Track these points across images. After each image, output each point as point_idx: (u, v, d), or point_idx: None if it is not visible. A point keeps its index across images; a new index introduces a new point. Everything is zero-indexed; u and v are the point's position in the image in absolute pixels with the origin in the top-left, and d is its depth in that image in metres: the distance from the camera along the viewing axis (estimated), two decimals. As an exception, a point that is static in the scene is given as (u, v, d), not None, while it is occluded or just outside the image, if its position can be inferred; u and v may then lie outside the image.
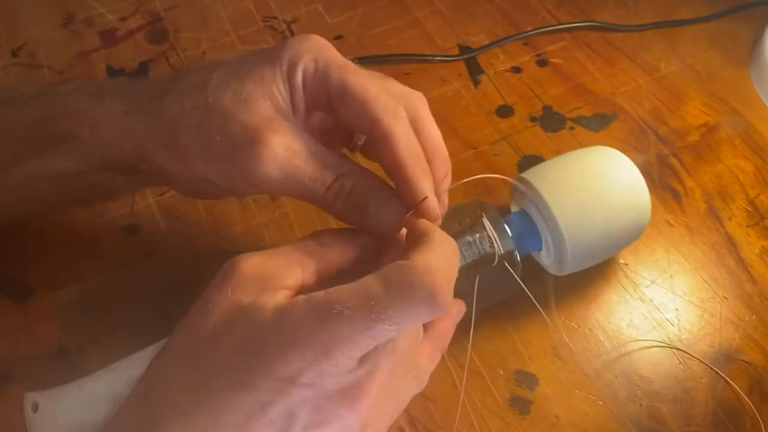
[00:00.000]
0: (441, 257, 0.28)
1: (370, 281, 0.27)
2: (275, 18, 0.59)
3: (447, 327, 0.35)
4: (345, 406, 0.27)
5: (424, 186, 0.32)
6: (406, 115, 0.32)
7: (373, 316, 0.26)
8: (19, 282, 0.44)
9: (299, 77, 0.32)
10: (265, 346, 0.26)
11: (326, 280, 0.31)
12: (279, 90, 0.32)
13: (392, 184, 0.33)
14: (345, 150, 0.37)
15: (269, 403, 0.26)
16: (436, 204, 0.32)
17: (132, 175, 0.37)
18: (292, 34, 0.58)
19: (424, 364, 0.33)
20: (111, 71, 0.56)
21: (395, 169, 0.32)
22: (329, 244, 0.31)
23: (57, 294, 0.43)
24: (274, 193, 0.33)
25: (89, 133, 0.35)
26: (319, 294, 0.27)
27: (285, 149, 0.31)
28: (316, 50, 0.32)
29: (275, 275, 0.29)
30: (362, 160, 0.36)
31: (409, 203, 0.32)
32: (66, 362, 0.40)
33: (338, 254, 0.31)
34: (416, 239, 0.30)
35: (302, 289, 0.29)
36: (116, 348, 0.35)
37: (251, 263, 0.29)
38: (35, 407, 0.32)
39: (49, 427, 0.31)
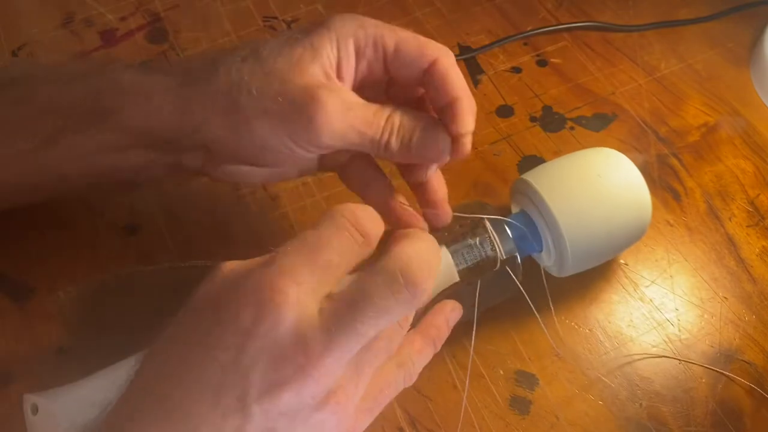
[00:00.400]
0: (413, 247, 0.30)
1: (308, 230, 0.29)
2: (275, 18, 0.59)
3: (438, 322, 0.35)
4: (298, 365, 0.27)
5: (471, 120, 0.35)
6: None
7: (313, 249, 0.28)
8: (19, 282, 0.44)
9: (351, 46, 0.35)
10: (223, 305, 0.28)
11: None
12: (328, 56, 0.34)
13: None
14: None
15: (229, 362, 0.26)
16: (470, 142, 0.35)
17: (171, 155, 0.37)
18: (292, 34, 0.58)
19: (413, 357, 0.33)
20: (111, 71, 0.56)
21: (450, 101, 0.35)
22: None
23: (57, 294, 0.43)
24: (331, 149, 0.35)
25: (140, 105, 0.36)
26: (269, 257, 0.29)
27: (342, 103, 0.33)
28: (363, 23, 0.35)
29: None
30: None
31: (455, 134, 0.35)
32: (66, 362, 0.40)
33: None
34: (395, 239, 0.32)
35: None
36: (116, 348, 0.35)
37: (233, 267, 0.29)
38: (35, 409, 0.32)
39: (48, 428, 0.31)
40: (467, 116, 0.35)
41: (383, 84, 0.38)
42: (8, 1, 0.60)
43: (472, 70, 0.55)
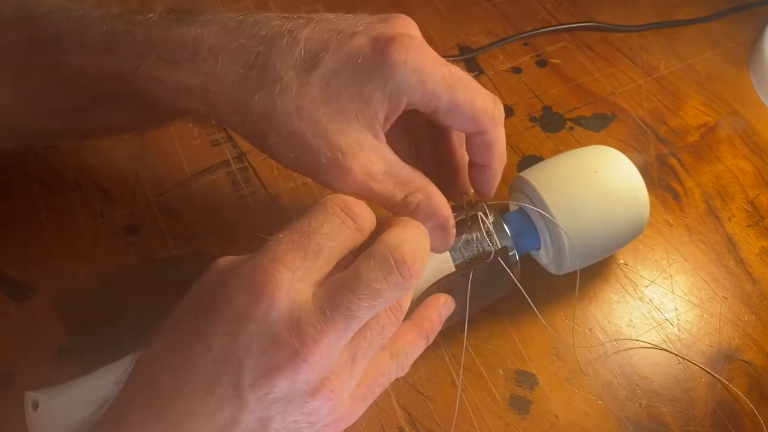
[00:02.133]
0: (403, 233, 0.30)
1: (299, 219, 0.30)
2: (275, 18, 0.59)
3: (431, 315, 0.36)
4: (292, 350, 0.27)
5: (491, 188, 0.37)
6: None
7: (304, 234, 0.28)
8: (19, 282, 0.44)
9: (404, 101, 0.32)
10: (215, 293, 0.28)
11: None
12: (377, 112, 0.32)
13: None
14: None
15: (221, 350, 0.27)
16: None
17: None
18: (292, 34, 0.58)
19: (406, 348, 0.34)
20: (111, 71, 0.55)
21: (485, 167, 0.36)
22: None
23: (57, 293, 0.43)
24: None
25: (163, 100, 0.34)
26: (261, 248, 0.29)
27: (365, 174, 0.32)
28: (422, 69, 0.32)
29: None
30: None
31: (481, 192, 0.37)
32: (66, 362, 0.40)
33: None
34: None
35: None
36: (117, 347, 0.35)
37: (229, 262, 0.30)
38: (35, 405, 0.32)
39: (49, 425, 0.32)
40: (495, 183, 0.37)
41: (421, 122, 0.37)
42: (8, 1, 0.60)
43: (472, 70, 0.55)
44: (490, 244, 0.38)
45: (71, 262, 0.44)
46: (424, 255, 0.30)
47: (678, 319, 0.42)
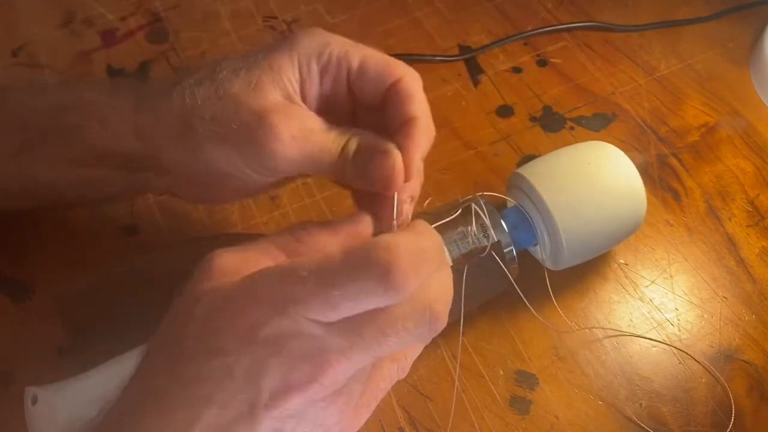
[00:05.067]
0: (410, 241, 0.28)
1: (333, 251, 0.27)
2: (275, 18, 0.59)
3: None
4: (308, 374, 0.26)
5: (425, 141, 0.34)
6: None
7: (327, 281, 0.26)
8: (19, 281, 0.44)
9: (314, 64, 0.34)
10: (228, 306, 0.27)
11: None
12: (289, 78, 0.33)
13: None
14: None
15: (234, 365, 0.26)
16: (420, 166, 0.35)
17: (137, 174, 0.37)
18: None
19: (406, 352, 0.33)
20: (111, 71, 0.56)
21: (407, 120, 0.34)
22: (304, 240, 0.31)
23: (57, 292, 0.43)
24: (287, 174, 0.34)
25: (99, 127, 0.36)
26: (285, 262, 0.28)
27: (298, 129, 0.32)
28: (328, 40, 0.34)
29: (251, 269, 0.29)
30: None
31: (409, 158, 0.33)
32: (66, 361, 0.40)
33: (311, 251, 0.31)
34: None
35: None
36: (117, 345, 0.35)
37: (228, 256, 0.29)
38: (34, 400, 0.32)
39: (47, 420, 0.32)
40: (422, 136, 0.34)
41: (349, 104, 0.37)
42: (8, 1, 0.60)
43: (472, 70, 0.55)
44: (485, 238, 0.38)
45: (71, 262, 0.44)
46: (421, 268, 0.29)
47: (678, 319, 0.42)
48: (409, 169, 0.33)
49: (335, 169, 0.33)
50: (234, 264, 0.29)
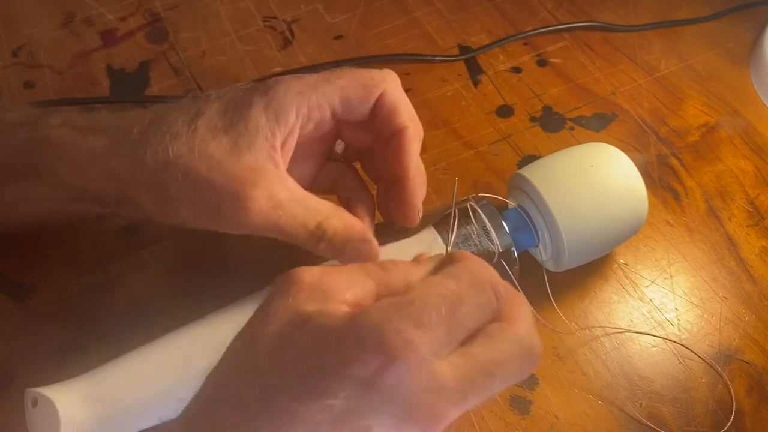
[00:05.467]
0: (534, 329, 0.28)
1: (440, 278, 0.27)
2: (275, 18, 0.59)
3: None
4: (425, 426, 0.24)
5: (419, 145, 0.35)
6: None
7: (452, 306, 0.25)
8: (19, 281, 0.44)
9: (292, 117, 0.33)
10: (342, 345, 0.24)
11: None
12: (267, 137, 0.33)
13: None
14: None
15: (345, 412, 0.24)
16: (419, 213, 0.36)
17: (114, 208, 0.37)
18: (292, 34, 0.58)
19: None
20: (111, 71, 0.56)
21: (397, 130, 0.35)
22: (390, 269, 0.29)
23: (57, 292, 0.43)
24: (259, 234, 0.34)
25: (70, 170, 0.35)
26: (396, 297, 0.26)
27: (268, 200, 0.32)
28: (302, 88, 0.34)
29: (336, 289, 0.27)
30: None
31: (406, 168, 0.35)
32: (66, 361, 0.40)
33: (398, 279, 0.29)
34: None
35: (359, 308, 0.28)
36: (117, 346, 0.35)
37: (312, 273, 0.27)
38: (35, 402, 0.32)
39: (48, 422, 0.32)
40: (413, 145, 0.35)
41: (334, 127, 0.37)
42: (8, 1, 0.60)
43: (472, 70, 0.55)
44: (489, 242, 0.38)
45: (71, 262, 0.44)
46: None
47: (678, 320, 0.42)
48: (408, 173, 0.35)
49: (306, 244, 0.33)
50: (320, 282, 0.27)
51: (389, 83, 0.35)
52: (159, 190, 0.33)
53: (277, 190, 0.32)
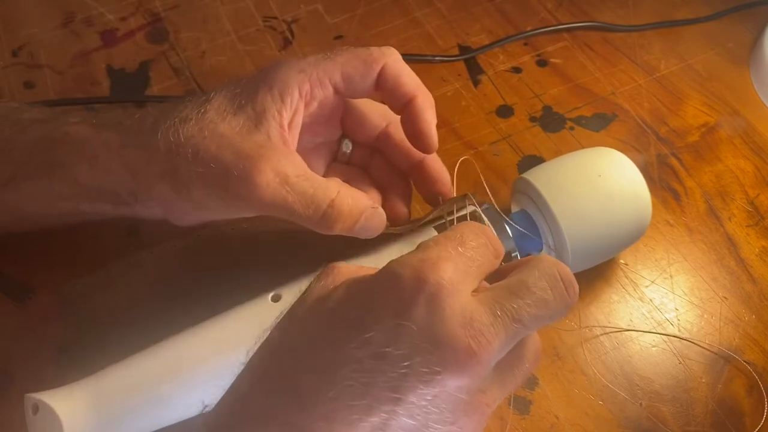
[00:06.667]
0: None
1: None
2: (275, 18, 0.59)
3: None
4: (466, 349, 0.25)
5: (431, 114, 0.36)
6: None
7: (458, 243, 0.28)
8: (19, 282, 0.44)
9: (296, 95, 0.34)
10: (376, 285, 0.26)
11: None
12: (274, 117, 0.34)
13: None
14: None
15: (383, 345, 0.24)
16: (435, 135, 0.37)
17: (128, 207, 0.37)
18: (292, 34, 0.58)
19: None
20: (111, 71, 0.56)
21: (407, 102, 0.36)
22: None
23: (57, 292, 0.43)
24: (265, 214, 0.35)
25: (87, 164, 0.36)
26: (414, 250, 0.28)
27: (275, 175, 0.32)
28: (303, 67, 0.35)
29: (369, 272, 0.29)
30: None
31: (426, 134, 0.36)
32: (66, 362, 0.40)
33: None
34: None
35: None
36: (117, 347, 0.35)
37: (350, 267, 0.29)
38: (35, 409, 0.32)
39: (49, 428, 0.32)
40: (427, 113, 0.36)
41: (339, 104, 0.38)
42: (8, 1, 0.60)
43: (472, 70, 0.55)
44: None
45: (71, 262, 0.44)
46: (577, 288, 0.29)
47: (678, 320, 0.42)
48: (429, 140, 0.36)
49: (317, 225, 0.34)
50: (354, 270, 0.29)
51: (389, 56, 0.36)
52: (171, 173, 0.34)
53: (284, 166, 0.33)
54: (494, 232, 0.37)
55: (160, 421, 0.34)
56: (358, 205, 0.34)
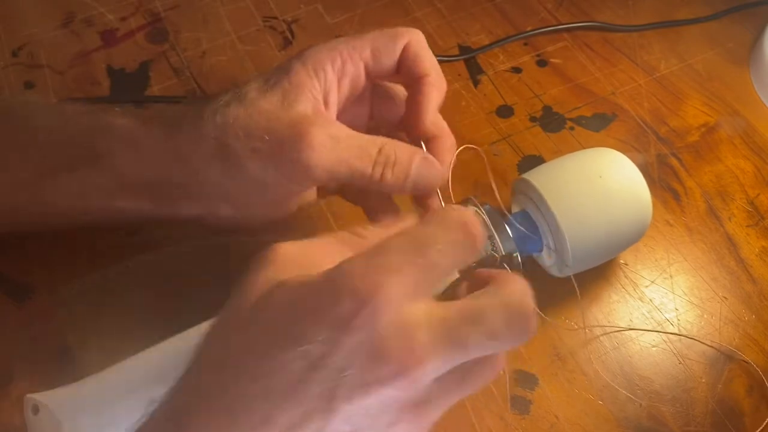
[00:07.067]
0: (525, 293, 0.29)
1: (412, 225, 0.29)
2: (275, 18, 0.59)
3: None
4: (398, 364, 0.25)
5: (439, 96, 0.37)
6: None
7: (420, 247, 0.27)
8: (19, 282, 0.44)
9: (330, 71, 0.36)
10: (316, 296, 0.26)
11: None
12: (311, 91, 0.35)
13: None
14: None
15: (321, 357, 0.25)
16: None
17: (164, 203, 0.37)
18: (292, 34, 0.58)
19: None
20: (111, 71, 0.56)
21: (419, 77, 0.37)
22: (365, 235, 0.31)
23: (57, 292, 0.43)
24: (322, 182, 0.36)
25: (133, 152, 0.36)
26: (367, 250, 0.27)
27: (329, 137, 0.34)
28: (333, 45, 0.36)
29: (314, 261, 0.28)
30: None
31: (424, 110, 0.36)
32: (66, 362, 0.40)
33: (375, 242, 0.29)
34: None
35: None
36: (117, 347, 0.35)
37: (290, 248, 0.28)
38: (35, 409, 0.32)
39: (49, 429, 0.32)
40: (433, 91, 0.36)
41: (368, 86, 0.38)
42: (8, 1, 0.60)
43: (472, 70, 0.55)
44: (493, 248, 0.38)
45: (71, 262, 0.44)
46: (535, 321, 0.28)
47: (678, 320, 0.42)
48: (423, 116, 0.36)
49: (371, 178, 0.35)
50: (298, 255, 0.28)
51: (414, 34, 0.37)
52: (223, 153, 0.35)
53: (335, 129, 0.34)
54: (492, 228, 0.38)
55: None
56: (407, 150, 0.35)
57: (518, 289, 0.28)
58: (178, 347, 0.35)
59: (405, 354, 0.25)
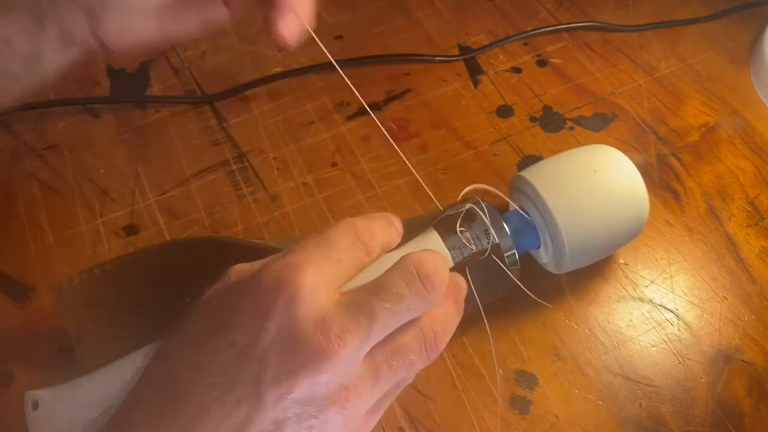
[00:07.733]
0: (423, 252, 0.30)
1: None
2: (275, 18, 0.59)
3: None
4: (316, 348, 0.26)
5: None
6: None
7: (328, 243, 0.29)
8: (19, 281, 0.44)
9: None
10: (245, 290, 0.28)
11: None
12: None
13: None
14: None
15: (247, 345, 0.26)
16: None
17: (53, 21, 0.37)
18: (292, 34, 0.58)
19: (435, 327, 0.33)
20: (111, 71, 0.56)
21: None
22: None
23: (57, 292, 0.43)
24: None
25: None
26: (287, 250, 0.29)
27: None
28: None
29: None
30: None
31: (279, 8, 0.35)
32: (66, 361, 0.40)
33: None
34: None
35: None
36: (117, 346, 0.35)
37: (244, 268, 0.30)
38: (35, 405, 0.32)
39: (49, 424, 0.32)
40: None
41: None
42: (8, 1, 0.60)
43: (472, 70, 0.55)
44: (488, 242, 0.38)
45: (71, 262, 0.44)
46: (445, 273, 0.30)
47: (678, 320, 0.42)
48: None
49: None
50: (248, 273, 0.30)
51: None
52: None
53: None
54: (488, 221, 0.38)
55: None
56: None
57: (412, 257, 0.29)
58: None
59: (321, 336, 0.26)
